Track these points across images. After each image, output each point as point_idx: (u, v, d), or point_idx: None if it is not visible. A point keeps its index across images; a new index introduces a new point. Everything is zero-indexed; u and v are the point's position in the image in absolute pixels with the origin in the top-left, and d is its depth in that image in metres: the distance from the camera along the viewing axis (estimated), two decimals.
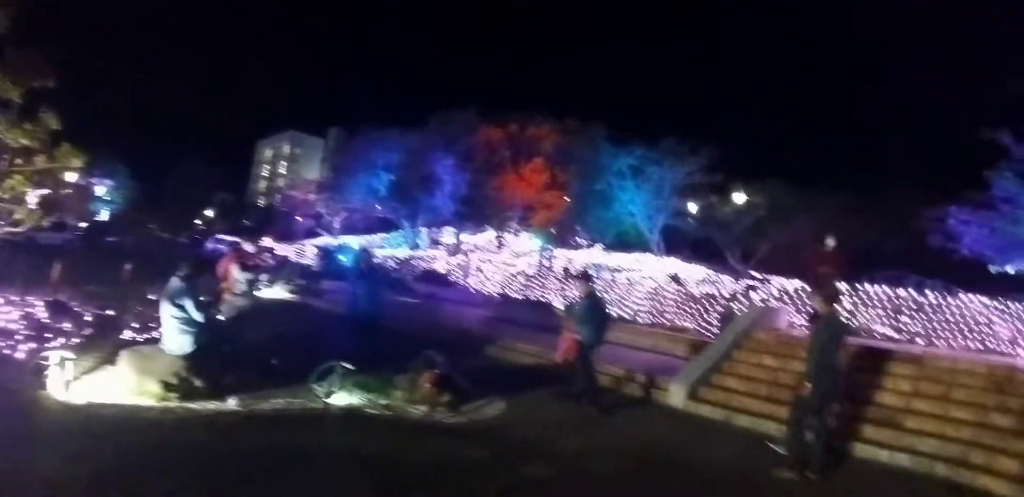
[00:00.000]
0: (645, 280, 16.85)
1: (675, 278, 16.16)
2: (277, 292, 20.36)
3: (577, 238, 37.21)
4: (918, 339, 11.54)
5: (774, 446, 7.31)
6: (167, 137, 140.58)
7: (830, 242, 11.05)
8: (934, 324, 11.55)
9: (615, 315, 15.54)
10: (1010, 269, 21.33)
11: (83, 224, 51.67)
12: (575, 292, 17.50)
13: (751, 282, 14.05)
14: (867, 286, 12.48)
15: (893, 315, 11.94)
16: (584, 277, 9.81)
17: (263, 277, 15.64)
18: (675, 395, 9.52)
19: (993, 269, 21.78)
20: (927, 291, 12.22)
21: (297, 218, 50.60)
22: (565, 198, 32.29)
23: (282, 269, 24.07)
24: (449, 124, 31.46)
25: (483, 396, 8.55)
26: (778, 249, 28.84)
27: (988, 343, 11.15)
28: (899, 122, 49.42)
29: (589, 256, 32.13)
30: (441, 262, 27.48)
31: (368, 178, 35.01)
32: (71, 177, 17.06)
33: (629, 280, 17.63)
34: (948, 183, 21.54)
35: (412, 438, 6.83)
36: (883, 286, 12.48)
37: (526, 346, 12.72)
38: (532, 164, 30.50)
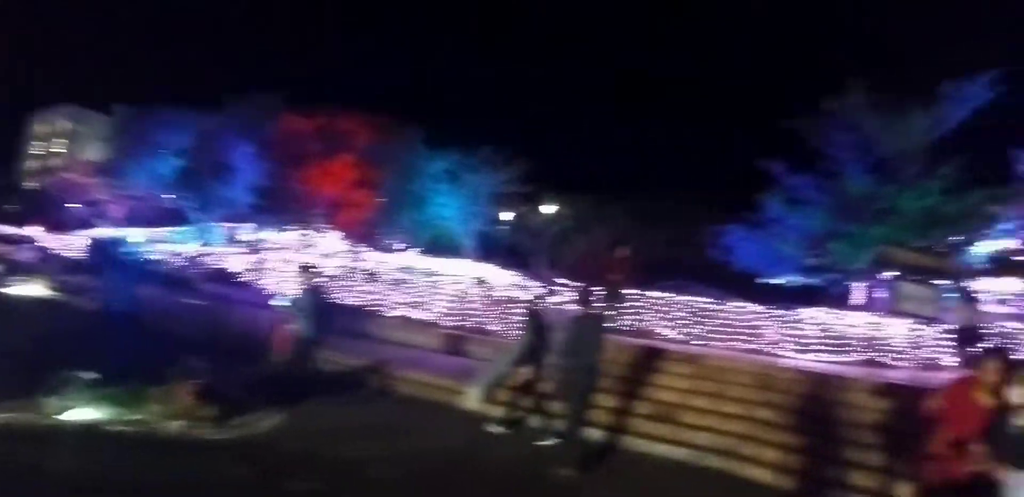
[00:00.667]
0: (451, 283, 16.61)
1: (481, 281, 16.07)
2: (35, 289, 18.07)
3: (389, 240, 36.34)
4: (696, 341, 12.38)
5: (541, 443, 7.43)
6: None
7: (621, 250, 11.54)
8: (710, 327, 12.46)
9: (423, 317, 15.14)
10: (777, 281, 23.90)
11: None
12: (378, 294, 16.87)
13: (553, 287, 14.37)
14: (655, 293, 13.19)
15: (675, 319, 12.73)
16: (306, 269, 9.47)
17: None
18: (471, 398, 9.27)
19: (762, 281, 24.29)
20: (705, 298, 13.20)
21: (72, 204, 44.26)
22: (376, 198, 31.26)
23: (44, 263, 20.89)
24: (251, 108, 29.15)
25: (259, 407, 7.68)
26: (580, 257, 30.34)
27: (756, 345, 12.22)
28: (697, 146, 54.96)
29: (403, 259, 31.46)
30: (235, 261, 25.27)
31: (155, 163, 31.42)
32: None
33: (435, 283, 17.33)
34: (730, 203, 23.86)
35: (161, 457, 5.86)
36: (669, 293, 13.27)
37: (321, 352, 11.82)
38: (341, 159, 28.97)
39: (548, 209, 33.42)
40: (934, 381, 10.48)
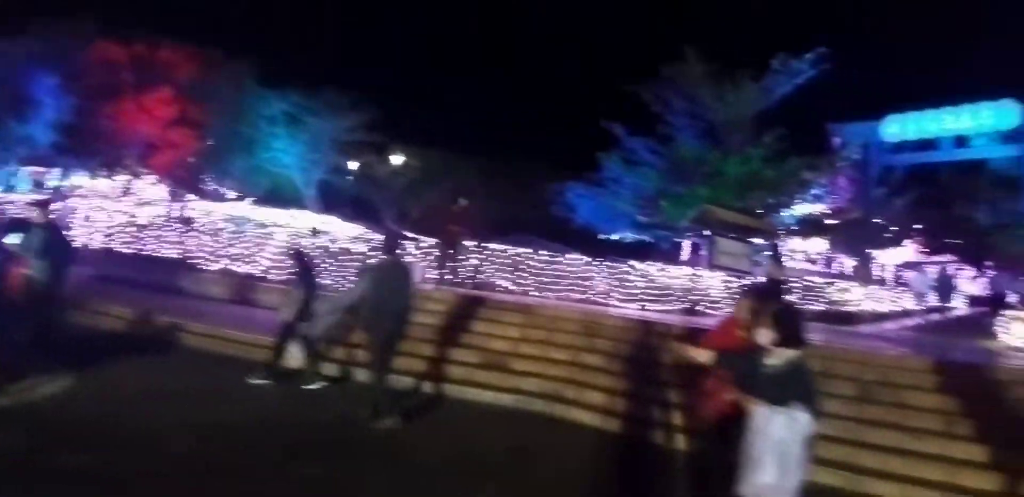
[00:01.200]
0: (284, 235, 15.62)
1: (315, 231, 15.24)
2: None
3: (219, 188, 33.79)
4: (533, 291, 12.61)
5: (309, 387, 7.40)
6: None
7: (461, 203, 11.37)
8: (546, 279, 12.73)
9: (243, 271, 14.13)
10: (615, 236, 24.95)
11: None
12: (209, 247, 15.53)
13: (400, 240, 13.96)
14: (495, 245, 13.22)
15: (513, 271, 12.86)
16: (39, 205, 8.16)
17: None
18: (295, 357, 8.74)
19: (602, 236, 25.27)
20: (543, 251, 13.43)
21: None
22: (198, 139, 28.44)
23: None
24: (56, 35, 25.27)
25: (46, 372, 6.74)
26: (428, 210, 29.92)
27: (587, 295, 12.66)
28: (547, 105, 55.22)
29: (234, 209, 29.33)
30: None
31: None
32: None
33: (268, 235, 16.23)
34: (574, 162, 24.42)
35: None
36: (509, 246, 13.36)
37: (123, 309, 10.64)
38: (158, 93, 25.93)
39: (396, 160, 32.43)
40: None
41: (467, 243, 11.09)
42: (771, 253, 12.79)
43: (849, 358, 7.82)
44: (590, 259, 13.19)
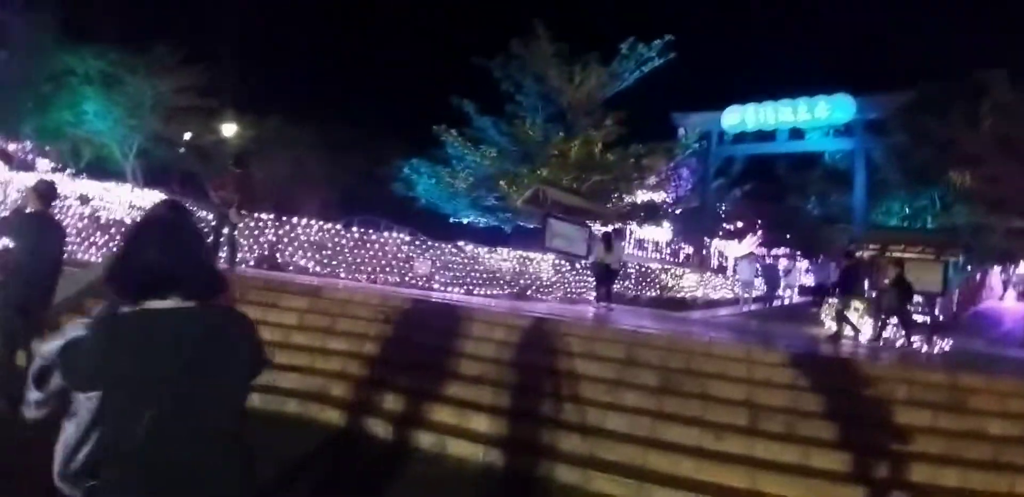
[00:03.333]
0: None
1: (84, 199, 12.86)
2: None
3: (33, 156, 29.34)
4: (341, 273, 11.21)
5: None
6: None
7: (235, 168, 9.77)
8: (358, 259, 11.35)
9: None
10: (464, 220, 23.82)
11: None
12: None
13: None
14: (297, 220, 11.59)
15: (318, 250, 11.37)
16: None
17: None
18: None
19: (454, 220, 24.07)
20: (354, 228, 12.01)
21: None
22: None
23: None
24: None
25: None
26: (261, 184, 27.34)
27: (406, 278, 11.43)
28: (395, 75, 51.90)
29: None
30: None
31: None
32: None
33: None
34: (421, 138, 22.97)
35: None
36: (313, 221, 11.75)
37: None
38: None
39: (228, 129, 29.40)
40: (568, 313, 10.79)
41: (244, 213, 9.45)
42: (606, 238, 12.20)
43: (654, 344, 7.15)
44: (411, 239, 11.95)
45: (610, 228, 14.88)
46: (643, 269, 17.15)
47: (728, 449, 5.50)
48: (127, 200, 21.63)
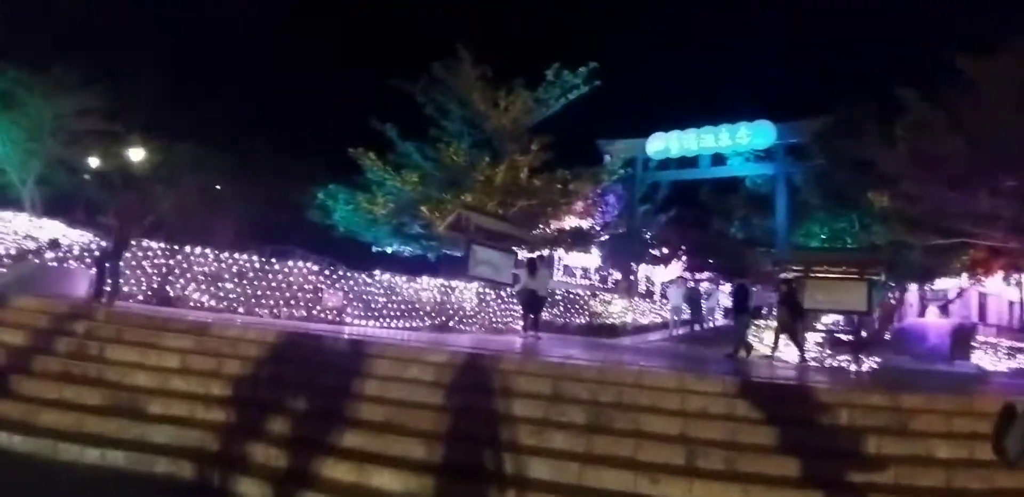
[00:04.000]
0: None
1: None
2: None
3: None
4: (240, 309, 10.19)
5: None
6: None
7: (126, 195, 8.82)
8: (257, 292, 10.37)
9: None
10: (388, 248, 22.91)
11: None
12: None
13: (59, 238, 10.83)
14: (191, 249, 10.54)
15: (213, 282, 10.34)
16: None
17: None
18: None
19: (377, 249, 23.14)
20: (259, 259, 11.04)
21: None
22: None
23: None
24: None
25: None
26: (170, 211, 25.85)
27: (314, 312, 10.51)
28: (314, 97, 49.87)
29: None
30: None
31: None
32: None
33: None
34: (339, 162, 22.07)
35: None
36: (208, 251, 10.74)
37: None
38: None
39: (136, 154, 27.66)
40: (492, 345, 10.11)
41: (132, 242, 8.44)
42: (530, 265, 11.67)
43: (583, 376, 6.55)
44: (320, 269, 11.06)
45: (535, 255, 14.35)
46: (571, 295, 16.70)
47: (665, 494, 4.92)
48: (23, 231, 19.83)
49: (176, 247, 10.28)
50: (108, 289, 8.26)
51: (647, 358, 9.89)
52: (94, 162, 28.16)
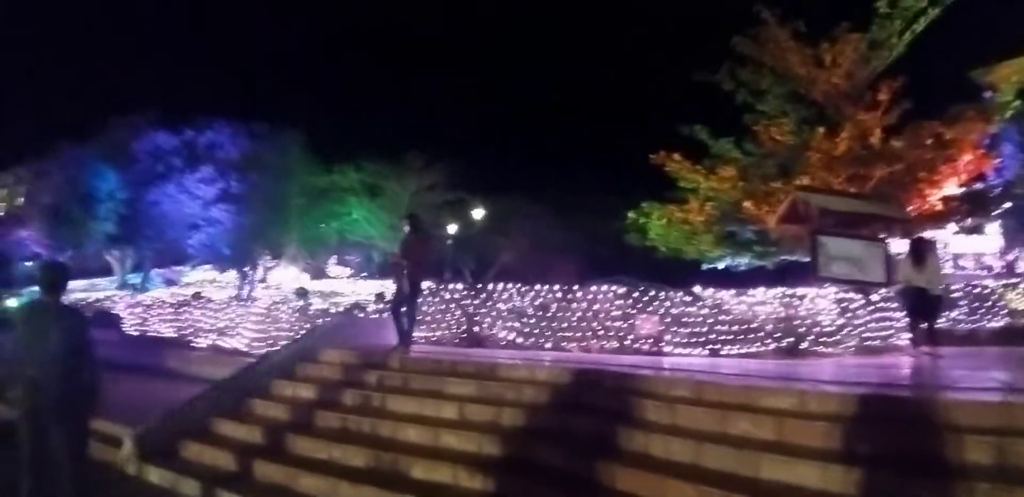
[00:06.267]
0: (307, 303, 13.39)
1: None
2: None
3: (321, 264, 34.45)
4: (547, 343, 9.15)
5: None
6: None
7: (406, 228, 8.45)
8: (558, 325, 9.21)
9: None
10: (720, 265, 20.48)
11: None
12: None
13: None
14: (493, 286, 9.90)
15: (517, 317, 9.47)
16: None
17: None
18: (127, 452, 6.13)
19: (706, 266, 20.89)
20: (555, 288, 9.89)
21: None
22: (241, 214, 27.45)
23: None
24: (123, 130, 26.28)
25: None
26: (511, 259, 28.08)
27: (626, 342, 9.02)
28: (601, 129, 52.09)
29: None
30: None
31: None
32: None
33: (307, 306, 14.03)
34: (646, 181, 20.62)
35: None
36: (509, 285, 9.94)
37: None
38: (200, 173, 25.59)
39: (478, 213, 30.58)
40: (874, 374, 7.38)
41: (425, 283, 8.01)
42: (910, 250, 8.52)
43: None
44: (626, 291, 9.56)
45: (917, 237, 10.42)
46: (975, 289, 12.40)
47: None
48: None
49: (479, 285, 9.83)
50: (406, 335, 7.92)
51: None
52: (452, 228, 31.61)
